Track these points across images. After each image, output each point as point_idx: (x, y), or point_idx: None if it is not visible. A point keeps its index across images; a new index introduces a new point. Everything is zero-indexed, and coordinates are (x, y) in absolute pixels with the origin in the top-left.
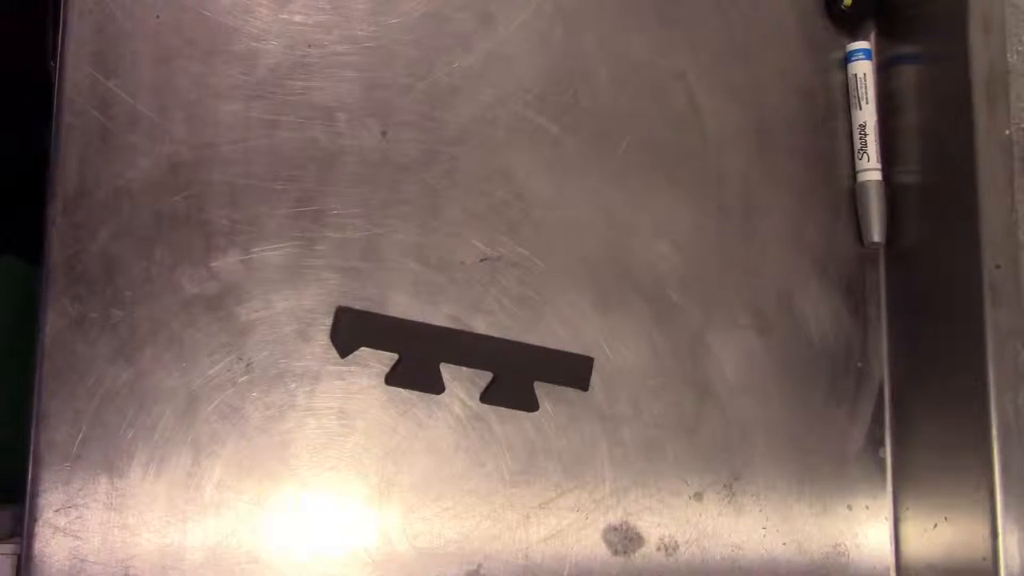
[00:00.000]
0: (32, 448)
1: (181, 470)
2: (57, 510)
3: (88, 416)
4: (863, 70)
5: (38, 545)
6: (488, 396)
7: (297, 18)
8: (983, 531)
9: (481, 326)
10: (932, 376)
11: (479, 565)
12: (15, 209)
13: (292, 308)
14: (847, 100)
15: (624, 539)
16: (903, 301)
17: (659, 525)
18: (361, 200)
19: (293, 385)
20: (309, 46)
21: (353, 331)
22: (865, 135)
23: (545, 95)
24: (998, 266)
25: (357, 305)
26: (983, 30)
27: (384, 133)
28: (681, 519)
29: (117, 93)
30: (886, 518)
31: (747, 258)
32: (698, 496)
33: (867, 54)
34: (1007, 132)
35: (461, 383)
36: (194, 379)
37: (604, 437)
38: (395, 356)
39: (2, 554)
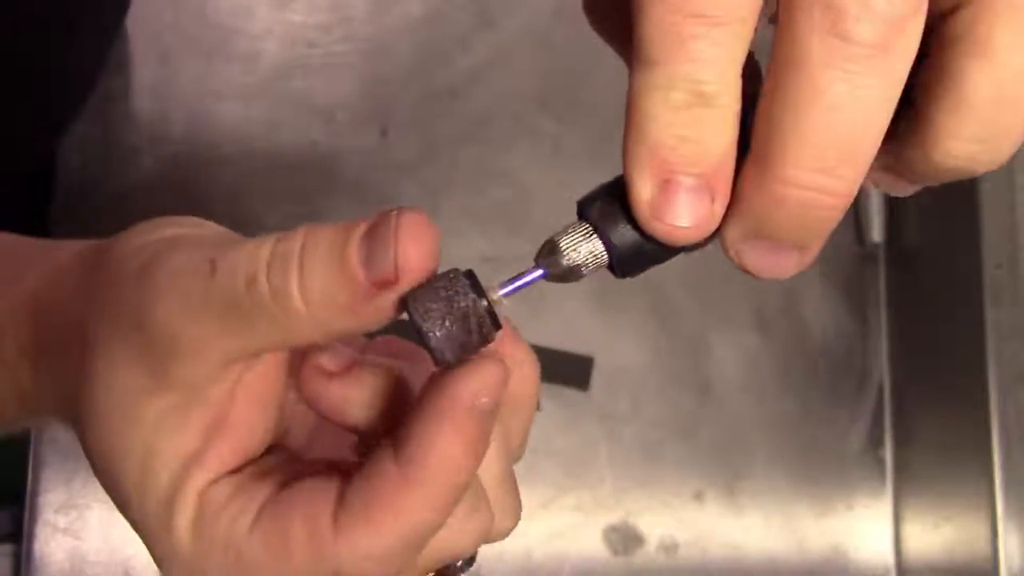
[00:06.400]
0: (32, 448)
1: None
2: (57, 510)
3: None
4: None
5: (38, 545)
6: None
7: (297, 18)
8: (983, 531)
9: None
10: (932, 376)
11: (479, 565)
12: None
13: None
14: None
15: (624, 539)
16: (903, 301)
17: (659, 525)
18: (361, 200)
19: None
20: (309, 46)
21: None
22: None
23: (545, 95)
24: (999, 266)
25: None
26: None
27: (384, 133)
28: (681, 519)
29: (117, 93)
30: (886, 518)
31: None
32: (698, 496)
33: None
34: None
35: None
36: None
37: (604, 437)
38: None
39: (2, 554)
